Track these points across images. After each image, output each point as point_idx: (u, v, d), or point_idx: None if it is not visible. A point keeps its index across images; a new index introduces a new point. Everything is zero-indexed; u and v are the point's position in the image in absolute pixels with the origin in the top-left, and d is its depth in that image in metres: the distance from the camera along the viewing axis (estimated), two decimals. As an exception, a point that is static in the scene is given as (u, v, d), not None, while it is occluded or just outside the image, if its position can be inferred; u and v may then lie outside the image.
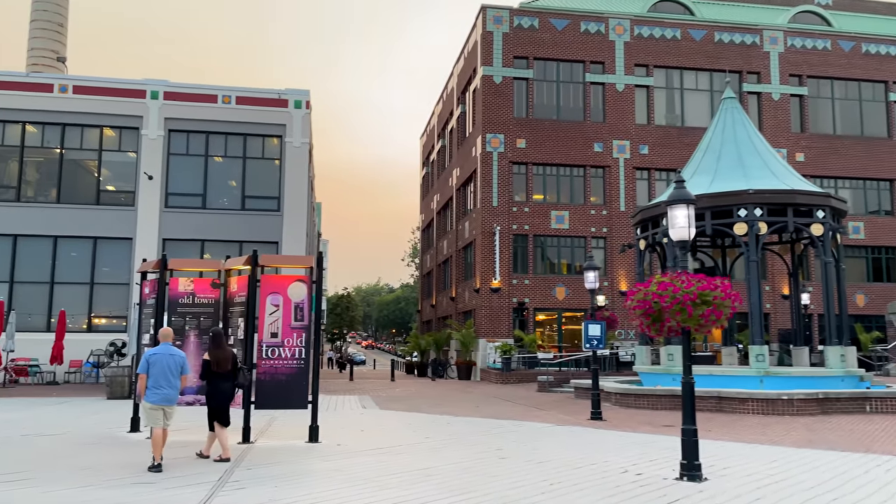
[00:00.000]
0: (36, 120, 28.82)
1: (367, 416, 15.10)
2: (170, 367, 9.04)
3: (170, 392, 8.97)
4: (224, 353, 9.84)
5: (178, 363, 9.14)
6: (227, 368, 9.75)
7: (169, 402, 8.98)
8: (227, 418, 9.71)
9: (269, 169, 30.40)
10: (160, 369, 8.97)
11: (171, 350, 9.29)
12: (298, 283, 11.15)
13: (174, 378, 9.07)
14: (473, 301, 32.60)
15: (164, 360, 9.04)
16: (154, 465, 8.45)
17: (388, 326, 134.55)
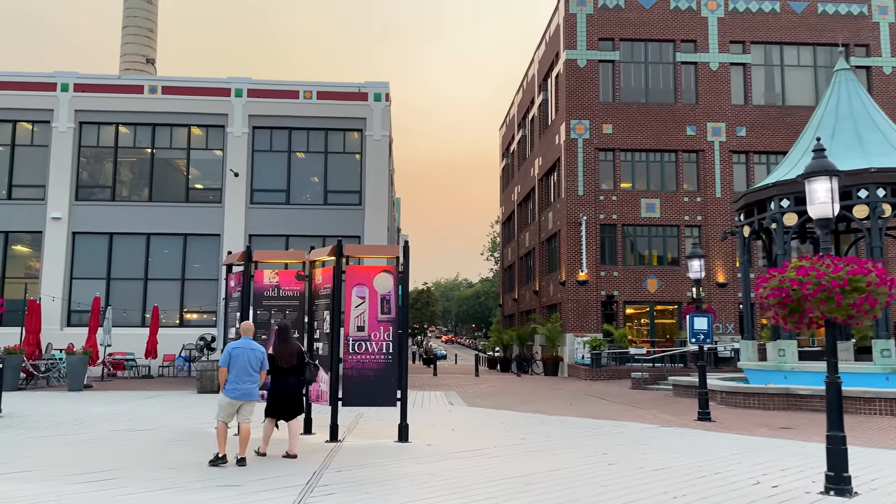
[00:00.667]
0: (128, 121, 29.66)
1: (455, 414, 14.45)
2: (250, 362, 8.76)
3: (249, 387, 8.72)
4: (289, 347, 9.42)
5: (258, 358, 8.84)
6: (293, 363, 9.36)
7: (248, 397, 8.74)
8: (292, 413, 9.32)
9: (350, 163, 30.28)
10: (241, 364, 8.71)
11: (251, 345, 8.97)
12: (384, 273, 10.57)
13: (255, 373, 8.79)
14: (559, 294, 31.52)
15: (245, 355, 8.77)
16: (216, 458, 8.30)
17: (467, 321, 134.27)
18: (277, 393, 9.38)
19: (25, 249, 29.46)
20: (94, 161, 30.04)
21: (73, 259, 28.80)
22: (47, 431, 11.18)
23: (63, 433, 11.02)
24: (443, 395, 19.38)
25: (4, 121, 29.26)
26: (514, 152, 45.21)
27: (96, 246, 29.01)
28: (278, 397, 9.36)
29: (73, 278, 28.74)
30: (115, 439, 10.42)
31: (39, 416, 13.11)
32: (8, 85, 29.21)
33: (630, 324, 30.16)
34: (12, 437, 10.58)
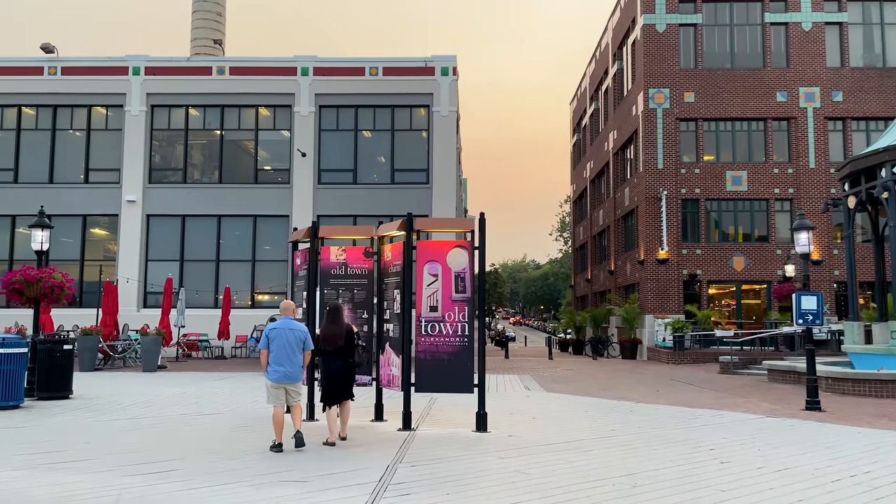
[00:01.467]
0: (197, 103, 29.72)
1: (534, 400, 13.53)
2: (289, 343, 8.28)
3: (290, 370, 8.25)
4: (336, 328, 8.80)
5: (298, 338, 8.35)
6: (338, 345, 8.74)
7: (290, 379, 8.27)
8: (337, 397, 8.76)
9: (417, 141, 29.53)
10: (280, 345, 8.26)
11: (291, 324, 8.44)
12: (458, 249, 9.70)
13: (295, 354, 8.30)
14: (637, 274, 30.04)
15: (284, 336, 8.30)
16: (275, 445, 7.99)
17: (535, 303, 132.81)
18: (323, 376, 8.91)
19: (102, 232, 30.03)
20: (165, 144, 30.28)
21: (147, 241, 29.17)
22: (114, 415, 10.87)
23: (129, 417, 10.67)
24: (517, 378, 18.48)
25: (80, 106, 29.78)
26: (586, 127, 43.53)
27: (169, 228, 29.30)
28: (324, 381, 8.88)
29: (148, 260, 29.12)
30: (180, 424, 9.97)
31: (109, 399, 12.91)
32: (82, 70, 29.68)
33: (714, 304, 28.45)
34: (78, 420, 10.29)
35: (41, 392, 12.62)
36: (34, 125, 29.85)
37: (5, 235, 29.38)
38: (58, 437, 8.79)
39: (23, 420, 10.24)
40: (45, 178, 29.51)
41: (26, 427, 9.63)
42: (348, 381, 9.01)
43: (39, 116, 29.88)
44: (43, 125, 29.82)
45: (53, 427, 9.64)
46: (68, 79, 29.61)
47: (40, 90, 29.56)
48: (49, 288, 12.90)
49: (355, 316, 10.49)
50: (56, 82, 29.59)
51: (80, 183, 29.51)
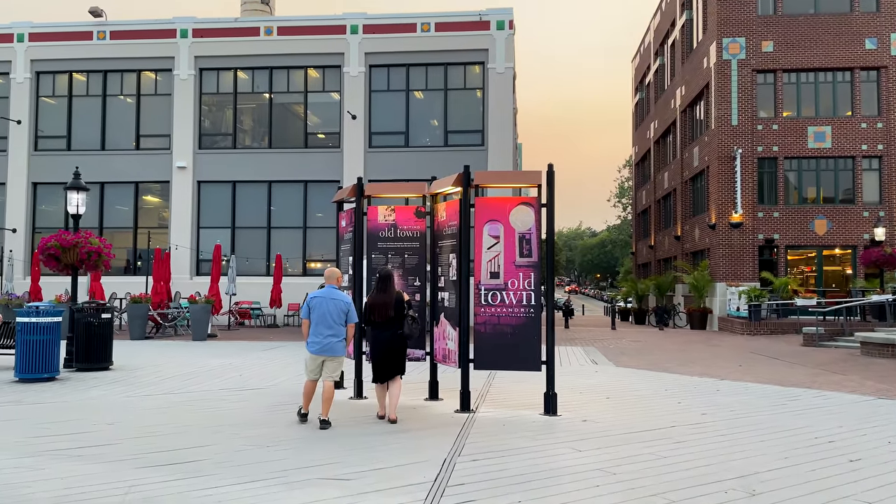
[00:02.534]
0: (246, 65, 28.91)
1: (604, 376, 12.26)
2: (330, 313, 7.61)
3: (330, 341, 7.60)
4: (385, 297, 7.92)
5: (340, 308, 7.66)
6: (387, 315, 7.88)
7: (330, 352, 7.62)
8: (386, 373, 7.96)
9: (471, 100, 28.10)
10: (320, 315, 7.63)
11: (333, 293, 7.67)
12: (523, 206, 8.44)
13: (336, 325, 7.63)
14: (707, 239, 28.15)
15: (325, 305, 7.64)
16: (300, 412, 7.74)
17: (591, 271, 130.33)
18: (371, 349, 8.09)
19: (155, 199, 29.74)
20: (214, 108, 29.64)
21: (199, 208, 28.75)
22: (149, 389, 10.10)
23: (164, 391, 9.88)
24: (581, 350, 17.21)
25: (129, 70, 29.34)
26: (649, 84, 41.16)
27: (220, 194, 28.79)
28: (372, 354, 8.07)
29: (200, 227, 28.73)
30: (217, 402, 9.11)
31: (150, 370, 12.22)
32: (131, 34, 29.16)
33: (792, 272, 26.42)
34: (109, 396, 9.54)
35: (80, 363, 12.01)
36: (85, 91, 29.59)
37: (60, 204, 29.39)
38: (83, 416, 8.01)
39: (53, 394, 9.55)
40: (97, 146, 29.30)
41: (54, 403, 8.91)
42: (398, 355, 8.02)
43: (90, 82, 29.58)
44: (93, 91, 29.53)
45: (82, 404, 8.90)
46: (117, 43, 29.16)
47: (90, 55, 29.20)
48: (86, 254, 12.21)
49: (406, 283, 9.38)
50: (105, 47, 29.18)
51: (132, 150, 29.20)
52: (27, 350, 10.60)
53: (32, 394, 9.56)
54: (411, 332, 7.97)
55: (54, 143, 29.49)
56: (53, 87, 29.66)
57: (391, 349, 7.94)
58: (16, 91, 29.35)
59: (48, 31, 29.50)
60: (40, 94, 29.62)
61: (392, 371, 7.99)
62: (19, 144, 29.19)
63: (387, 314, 7.92)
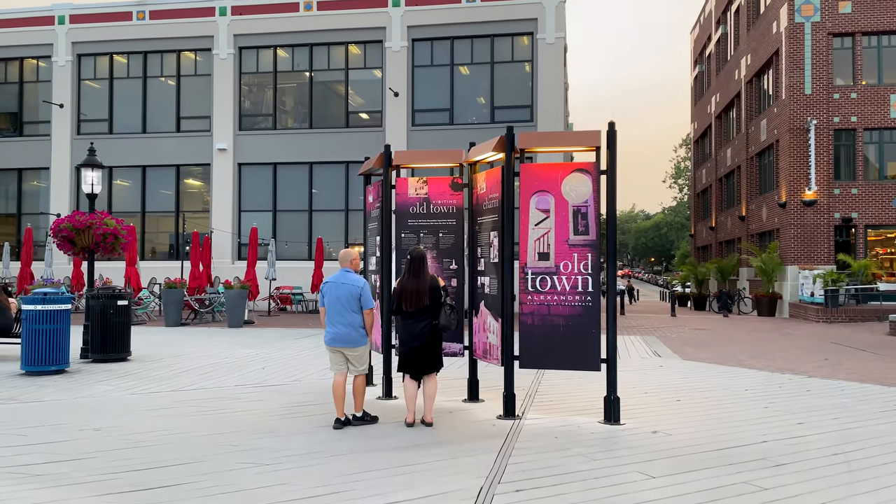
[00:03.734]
0: (285, 43, 27.94)
1: (670, 372, 10.79)
2: (341, 299, 6.73)
3: (343, 330, 6.73)
4: (417, 283, 6.72)
5: (351, 293, 6.73)
6: (421, 304, 6.69)
7: (345, 342, 6.74)
8: (419, 368, 6.82)
9: (519, 74, 26.53)
10: (331, 302, 6.78)
11: (344, 277, 6.84)
12: (578, 174, 7.06)
13: (349, 313, 6.73)
14: (776, 218, 26.06)
15: (336, 291, 6.78)
16: (336, 422, 6.70)
17: (645, 255, 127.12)
18: (401, 343, 6.87)
19: (196, 182, 29.17)
20: (255, 89, 28.81)
21: (240, 191, 28.05)
22: (160, 385, 9.12)
23: (174, 388, 8.88)
24: (640, 340, 15.69)
25: (169, 51, 28.70)
26: (710, 56, 38.74)
27: (261, 177, 28.02)
28: (401, 347, 6.89)
29: (241, 211, 28.04)
30: (228, 401, 8.04)
31: (169, 361, 11.29)
32: (170, 13, 28.49)
33: (872, 253, 24.18)
34: (112, 393, 8.57)
35: (95, 354, 11.17)
36: (126, 73, 29.11)
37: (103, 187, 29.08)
38: (73, 419, 7.02)
39: (55, 391, 8.65)
40: (138, 128, 28.84)
41: (49, 402, 7.98)
42: (433, 350, 6.82)
43: (130, 64, 29.09)
44: (134, 73, 29.03)
45: (79, 403, 7.94)
46: (157, 23, 28.55)
47: (130, 36, 28.66)
48: (101, 236, 11.32)
49: (440, 267, 8.12)
50: (145, 27, 28.60)
51: (172, 132, 28.63)
52: (33, 340, 9.75)
53: (34, 389, 8.68)
54: (449, 323, 6.73)
55: (96, 126, 29.14)
56: (95, 70, 29.28)
57: (426, 342, 6.73)
58: (58, 74, 29.07)
59: (89, 12, 29.09)
60: (82, 78, 29.28)
61: (426, 367, 6.80)
62: (62, 128, 28.95)
63: (420, 302, 6.70)
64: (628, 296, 46.48)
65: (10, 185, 29.90)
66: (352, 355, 6.82)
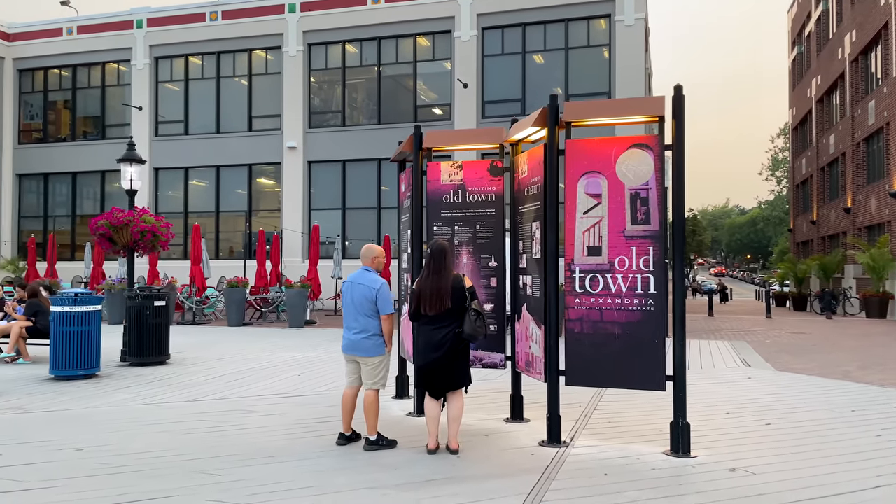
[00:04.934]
0: (354, 37, 27.43)
1: (759, 385, 9.26)
2: (356, 302, 5.88)
3: (356, 337, 5.86)
4: (438, 282, 5.63)
5: (365, 296, 5.85)
6: (442, 307, 5.58)
7: (357, 351, 5.88)
8: (441, 385, 5.70)
9: (596, 60, 24.95)
10: (346, 304, 5.96)
11: (361, 277, 5.98)
12: (637, 150, 5.80)
13: (364, 317, 5.86)
14: (886, 210, 23.41)
15: (350, 292, 5.94)
16: (340, 438, 6.00)
17: (740, 251, 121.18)
18: (419, 352, 5.78)
19: (268, 181, 29.10)
20: (324, 86, 28.46)
21: (310, 189, 27.77)
22: (182, 393, 8.43)
23: (195, 398, 8.16)
24: (728, 346, 14.01)
25: (241, 50, 28.76)
26: (809, 36, 35.72)
27: (330, 174, 27.63)
28: (417, 360, 5.84)
29: (311, 209, 27.76)
30: (242, 415, 7.23)
31: (205, 366, 10.68)
32: (241, 13, 28.53)
33: None
34: (129, 402, 7.93)
35: (133, 356, 10.68)
36: (200, 74, 29.39)
37: (180, 188, 29.51)
38: (60, 436, 6.35)
39: (68, 399, 8.10)
40: (212, 129, 29.05)
41: (55, 412, 7.40)
42: (457, 362, 5.73)
43: (204, 65, 29.34)
44: (208, 74, 29.26)
45: (81, 414, 7.31)
46: (229, 23, 28.66)
47: (204, 37, 28.90)
48: (139, 234, 10.83)
49: (478, 264, 7.02)
50: (217, 28, 28.77)
51: (245, 131, 28.66)
52: (61, 343, 9.30)
53: (50, 397, 8.16)
54: (474, 331, 5.61)
55: (173, 127, 29.57)
56: (171, 72, 29.70)
57: (448, 353, 5.64)
58: (137, 77, 29.68)
59: (164, 15, 29.54)
60: (159, 80, 29.78)
61: (449, 383, 5.72)
62: (141, 130, 29.50)
63: (441, 305, 5.62)
64: (720, 295, 43.74)
65: (94, 187, 30.79)
66: (367, 367, 5.86)
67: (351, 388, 5.97)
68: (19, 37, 31.45)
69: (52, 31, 30.97)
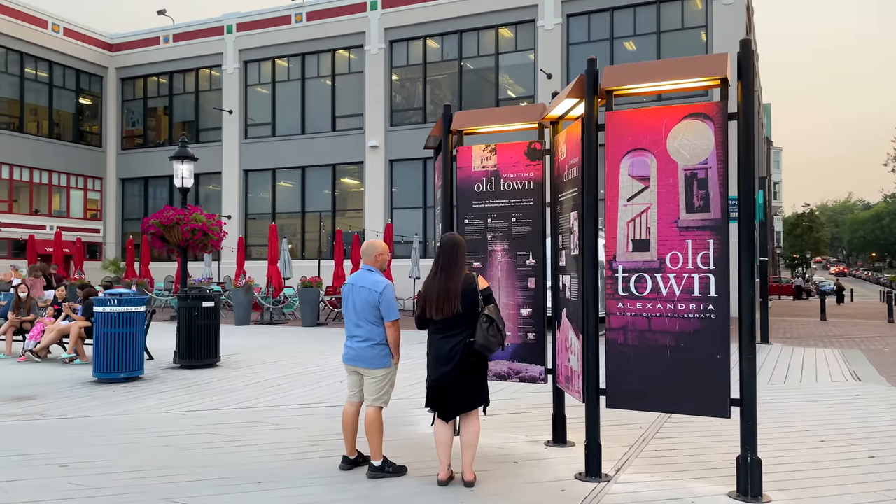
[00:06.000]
0: (435, 32, 26.89)
1: (868, 405, 7.79)
2: (356, 306, 5.09)
3: (357, 346, 5.08)
4: (446, 282, 4.75)
5: (367, 300, 5.04)
6: (451, 311, 4.69)
7: (358, 361, 5.08)
8: (451, 404, 4.79)
9: (692, 42, 23.17)
10: (346, 310, 5.19)
11: (363, 278, 5.14)
12: (694, 121, 4.72)
13: (366, 324, 5.05)
14: None
15: (351, 295, 5.14)
16: (344, 462, 5.23)
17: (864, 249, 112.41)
18: (429, 366, 4.89)
19: (352, 181, 29.03)
20: (406, 83, 28.06)
21: (391, 188, 27.44)
22: (209, 402, 7.96)
23: (219, 407, 7.66)
24: (838, 355, 12.28)
25: (325, 51, 28.85)
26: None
27: (412, 173, 27.19)
28: (429, 372, 4.88)
29: (393, 208, 27.43)
30: (259, 429, 6.64)
31: (249, 371, 10.26)
32: (324, 13, 28.61)
33: None
34: (145, 411, 7.52)
35: (183, 359, 10.42)
36: (286, 76, 29.72)
37: (268, 189, 29.95)
38: (54, 448, 5.93)
39: (97, 404, 7.81)
40: (297, 130, 29.30)
41: (66, 420, 7.07)
42: (470, 378, 4.84)
43: (290, 66, 29.64)
44: (294, 76, 29.54)
45: (94, 423, 6.94)
46: (313, 24, 28.82)
47: (289, 39, 29.21)
48: (189, 232, 10.56)
49: (514, 262, 6.09)
50: (302, 29, 28.99)
51: (328, 132, 28.72)
52: (104, 345, 9.08)
53: (80, 401, 7.89)
54: (487, 342, 4.69)
55: (261, 130, 30.07)
56: (259, 75, 30.21)
57: (458, 367, 4.76)
58: (227, 82, 30.38)
59: (253, 19, 30.08)
60: (248, 83, 30.35)
61: (461, 403, 4.83)
62: (231, 133, 30.20)
63: (450, 309, 4.75)
64: (836, 297, 40.18)
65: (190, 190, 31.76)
66: (369, 381, 5.09)
67: (351, 403, 5.22)
68: (121, 47, 32.97)
69: (150, 39, 32.25)
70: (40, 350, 10.99)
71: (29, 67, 30.41)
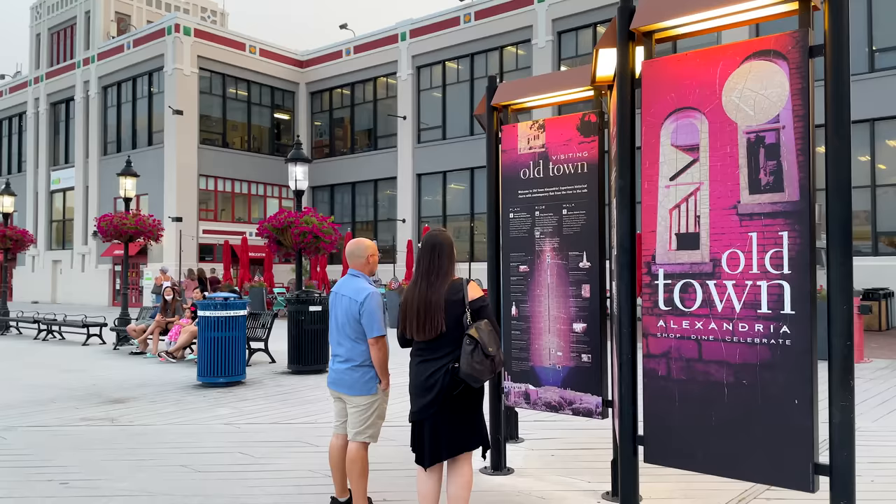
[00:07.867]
0: (604, 18, 25.18)
1: None
2: (338, 320, 4.27)
3: (337, 368, 4.27)
4: (427, 292, 3.70)
5: (348, 312, 4.19)
6: (434, 330, 3.65)
7: (341, 386, 4.25)
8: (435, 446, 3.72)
9: None
10: (330, 323, 4.37)
11: (346, 285, 4.29)
12: (760, 63, 3.28)
13: (347, 341, 4.20)
14: None
15: (333, 307, 4.33)
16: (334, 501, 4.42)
17: None
18: (410, 393, 3.89)
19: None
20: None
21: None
22: (276, 414, 7.56)
23: (282, 420, 7.22)
24: None
25: (492, 49, 28.31)
26: None
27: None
28: (411, 403, 3.88)
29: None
30: (296, 449, 6.09)
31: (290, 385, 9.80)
32: (492, 11, 28.10)
33: None
34: (207, 421, 7.28)
35: (293, 364, 10.29)
36: (456, 78, 29.62)
37: (439, 193, 30.06)
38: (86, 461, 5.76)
39: (175, 410, 7.76)
40: (466, 132, 29.06)
41: (128, 427, 7.00)
42: (455, 413, 3.79)
43: (459, 68, 29.51)
44: (463, 77, 29.36)
45: (151, 432, 6.79)
46: (481, 23, 28.42)
47: (458, 41, 29.07)
48: (299, 235, 10.41)
49: (566, 265, 4.89)
50: (471, 29, 28.71)
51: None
52: (207, 349, 9.15)
53: (162, 406, 7.91)
54: (472, 370, 3.61)
55: (432, 133, 30.27)
56: (430, 79, 30.44)
57: (439, 399, 3.73)
58: (401, 88, 30.98)
59: (424, 24, 30.38)
60: (420, 88, 30.71)
61: (446, 445, 3.77)
62: (405, 139, 30.74)
63: (433, 328, 3.74)
64: None
65: (368, 195, 32.92)
66: (352, 409, 4.24)
67: (338, 436, 4.40)
68: (310, 63, 35.07)
69: (334, 53, 33.92)
70: (175, 350, 11.49)
71: (230, 88, 33.39)
